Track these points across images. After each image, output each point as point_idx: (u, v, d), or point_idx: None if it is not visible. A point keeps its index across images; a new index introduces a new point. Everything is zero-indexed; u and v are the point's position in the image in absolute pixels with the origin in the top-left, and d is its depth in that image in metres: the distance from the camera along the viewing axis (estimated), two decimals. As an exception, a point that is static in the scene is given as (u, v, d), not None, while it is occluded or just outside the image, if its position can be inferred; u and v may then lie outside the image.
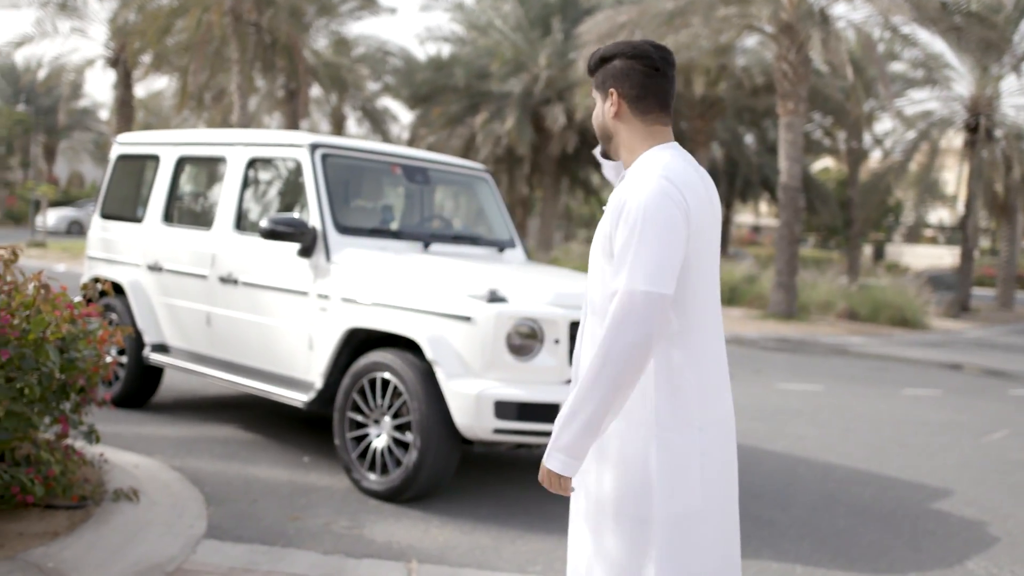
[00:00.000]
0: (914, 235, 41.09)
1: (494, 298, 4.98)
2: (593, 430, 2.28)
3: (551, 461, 2.32)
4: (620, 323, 2.24)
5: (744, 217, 56.27)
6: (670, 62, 2.49)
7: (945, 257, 42.89)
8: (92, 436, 4.53)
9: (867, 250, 43.07)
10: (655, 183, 2.32)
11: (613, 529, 2.39)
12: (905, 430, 8.52)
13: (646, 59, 2.45)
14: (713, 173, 31.43)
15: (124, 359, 6.90)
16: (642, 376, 2.34)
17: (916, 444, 7.93)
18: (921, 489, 6.39)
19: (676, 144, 2.49)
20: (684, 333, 2.37)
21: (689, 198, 2.34)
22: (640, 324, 2.23)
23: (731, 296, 21.19)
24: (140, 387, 6.97)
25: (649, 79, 2.46)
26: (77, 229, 35.72)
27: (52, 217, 35.76)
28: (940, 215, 48.79)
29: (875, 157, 33.97)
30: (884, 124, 32.21)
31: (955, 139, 29.44)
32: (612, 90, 2.47)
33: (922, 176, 29.11)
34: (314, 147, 5.99)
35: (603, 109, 2.50)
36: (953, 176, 33.51)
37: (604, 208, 2.51)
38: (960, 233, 28.50)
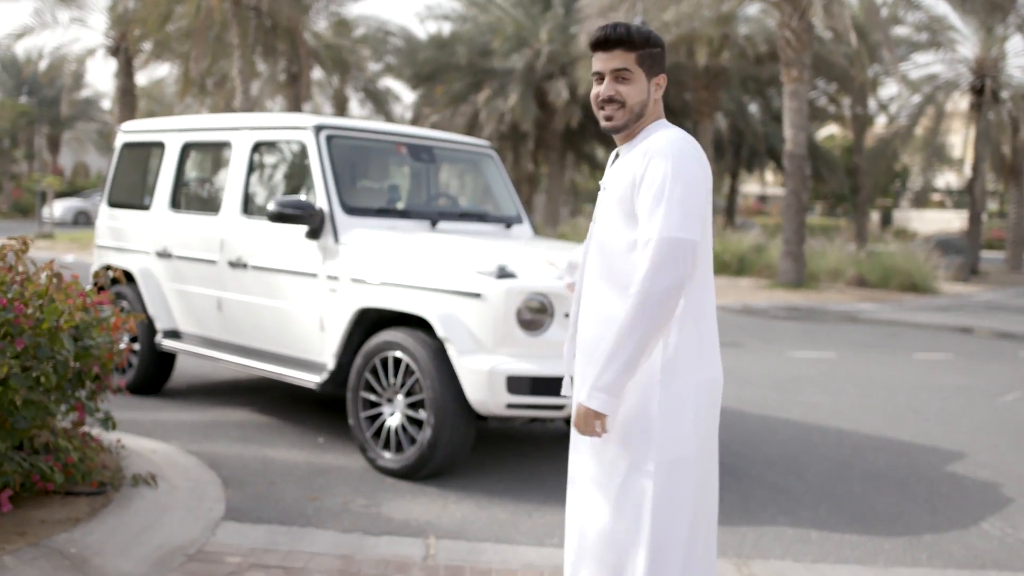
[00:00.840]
0: (921, 200, 40.95)
1: (503, 274, 4.99)
2: (631, 370, 2.45)
3: (593, 401, 2.47)
4: (658, 268, 2.41)
5: (750, 187, 56.09)
6: None
7: (953, 221, 42.72)
8: (108, 423, 4.55)
9: (875, 216, 42.94)
10: (681, 143, 2.54)
11: (611, 476, 2.59)
12: (918, 395, 8.52)
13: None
14: (719, 143, 31.36)
15: (137, 346, 6.93)
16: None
17: (929, 409, 7.93)
18: (935, 453, 6.40)
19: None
20: (690, 287, 2.53)
21: (705, 161, 2.58)
22: (676, 268, 2.41)
23: (740, 266, 21.16)
24: (154, 373, 7.00)
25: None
26: (84, 219, 35.82)
27: (59, 208, 35.84)
28: (947, 179, 48.58)
29: (880, 123, 33.84)
30: (889, 89, 32.10)
31: (961, 102, 29.30)
32: (663, 76, 2.65)
33: (928, 140, 28.99)
34: (319, 129, 5.99)
35: (647, 88, 2.64)
36: (960, 139, 33.34)
37: (605, 181, 2.71)
38: (968, 197, 28.41)
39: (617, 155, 2.75)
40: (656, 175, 2.48)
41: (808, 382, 8.88)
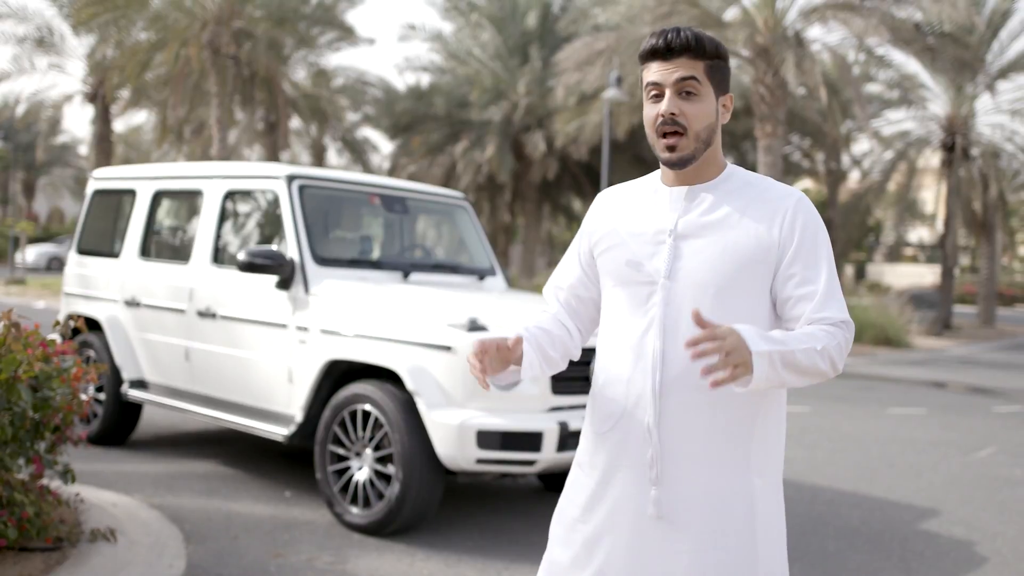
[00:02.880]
0: (895, 254, 41.36)
1: (474, 327, 4.94)
2: (788, 379, 1.98)
3: (762, 361, 1.91)
4: (844, 352, 2.05)
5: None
6: None
7: (926, 275, 43.11)
8: (68, 476, 4.44)
9: (849, 270, 43.26)
10: (810, 202, 2.16)
11: None
12: (892, 449, 8.50)
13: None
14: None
15: (102, 396, 6.81)
16: (781, 416, 2.19)
17: (903, 463, 7.90)
18: (909, 509, 6.36)
19: None
20: None
21: None
22: (845, 360, 2.10)
23: (715, 319, 21.18)
24: (119, 424, 6.88)
25: None
26: (57, 265, 35.53)
27: (31, 254, 35.56)
28: (920, 234, 49.14)
29: (854, 178, 34.21)
30: (862, 145, 32.43)
31: (932, 158, 29.69)
32: (730, 96, 2.18)
33: (901, 196, 29.32)
34: (291, 178, 5.95)
35: (716, 109, 2.14)
36: (932, 195, 33.78)
37: (682, 227, 2.13)
38: (940, 251, 28.67)
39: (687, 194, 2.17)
40: (817, 245, 2.10)
41: (782, 436, 8.83)
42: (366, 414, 5.18)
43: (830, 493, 6.70)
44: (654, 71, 2.10)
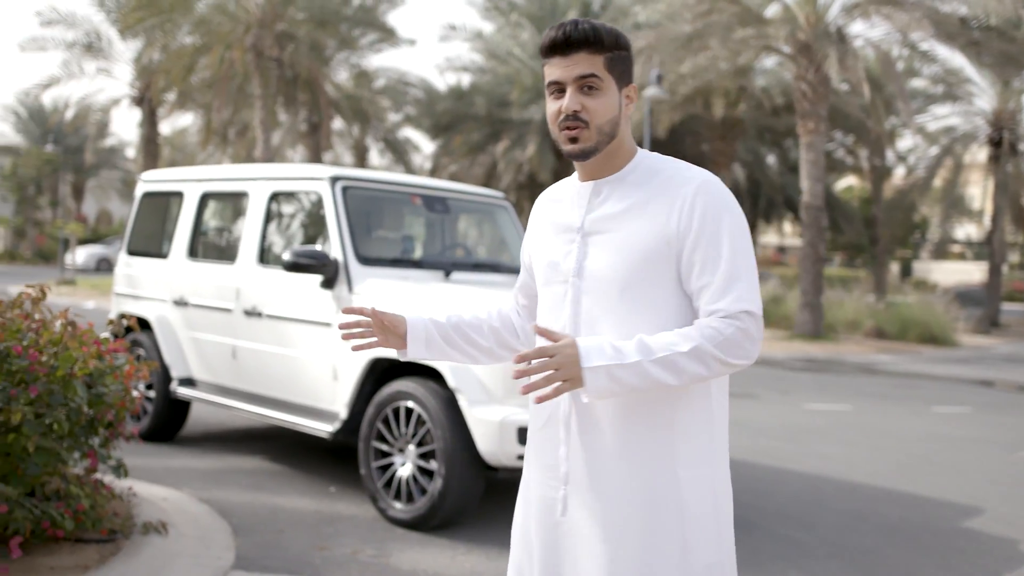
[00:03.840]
0: (941, 251, 40.83)
1: (514, 324, 5.01)
2: (642, 386, 1.96)
3: (596, 377, 1.92)
4: (740, 346, 1.97)
5: (769, 237, 56.04)
6: None
7: (973, 273, 42.52)
8: (120, 470, 4.58)
9: (894, 268, 42.80)
10: (719, 183, 2.05)
11: None
12: (934, 447, 8.45)
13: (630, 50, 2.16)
14: (736, 193, 31.39)
15: (152, 393, 6.98)
16: (710, 407, 2.11)
17: (945, 461, 7.86)
18: (950, 507, 6.34)
19: None
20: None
21: None
22: (754, 350, 2.00)
23: (757, 317, 21.06)
24: (168, 421, 7.05)
25: None
26: (106, 266, 36.17)
27: (81, 255, 36.23)
28: (967, 230, 48.41)
29: (899, 174, 33.85)
30: (907, 141, 32.07)
31: (979, 154, 29.31)
32: (634, 87, 2.13)
33: (947, 192, 28.99)
34: (334, 180, 6.07)
35: (619, 102, 2.10)
36: (979, 191, 33.33)
37: (588, 223, 2.13)
38: (987, 248, 28.29)
39: (593, 191, 2.16)
40: (719, 231, 2.00)
41: (822, 434, 8.82)
42: (409, 411, 5.28)
43: (869, 490, 6.69)
44: (555, 68, 2.07)
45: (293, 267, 5.69)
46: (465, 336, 2.38)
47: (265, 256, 6.45)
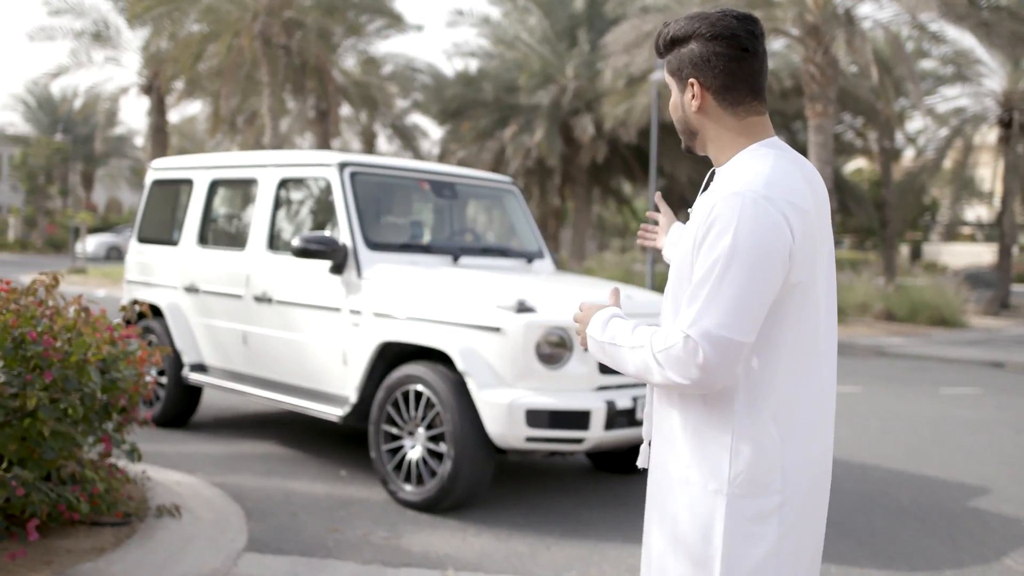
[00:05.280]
0: (951, 233, 40.64)
1: (523, 308, 5.05)
2: (607, 361, 2.10)
3: (590, 341, 2.14)
4: (680, 363, 1.90)
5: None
6: (759, 35, 2.04)
7: (984, 255, 42.35)
8: (134, 454, 4.64)
9: (904, 250, 42.69)
10: (752, 204, 1.89)
11: None
12: (944, 429, 8.47)
13: (731, 39, 2.01)
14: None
15: (164, 379, 7.04)
16: (718, 429, 2.01)
17: (954, 443, 7.88)
18: (959, 488, 6.36)
19: (777, 140, 2.07)
20: (772, 378, 1.98)
21: (795, 222, 1.92)
22: (696, 373, 1.89)
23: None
24: (180, 406, 7.10)
25: (737, 64, 2.02)
26: (116, 254, 36.30)
27: (91, 243, 36.39)
28: (977, 212, 48.21)
29: (908, 156, 33.71)
30: (916, 122, 31.93)
31: (989, 135, 29.17)
32: (693, 80, 2.05)
33: (957, 173, 28.85)
34: (343, 166, 6.10)
35: (682, 101, 2.09)
36: (989, 172, 33.15)
37: (690, 215, 2.08)
38: (998, 230, 28.18)
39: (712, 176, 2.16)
40: (715, 243, 1.91)
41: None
42: (418, 394, 5.32)
43: (879, 472, 6.72)
44: None
45: (302, 253, 5.73)
46: None
47: (275, 242, 6.48)
